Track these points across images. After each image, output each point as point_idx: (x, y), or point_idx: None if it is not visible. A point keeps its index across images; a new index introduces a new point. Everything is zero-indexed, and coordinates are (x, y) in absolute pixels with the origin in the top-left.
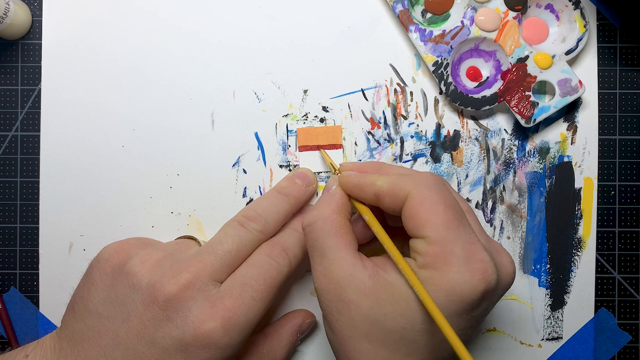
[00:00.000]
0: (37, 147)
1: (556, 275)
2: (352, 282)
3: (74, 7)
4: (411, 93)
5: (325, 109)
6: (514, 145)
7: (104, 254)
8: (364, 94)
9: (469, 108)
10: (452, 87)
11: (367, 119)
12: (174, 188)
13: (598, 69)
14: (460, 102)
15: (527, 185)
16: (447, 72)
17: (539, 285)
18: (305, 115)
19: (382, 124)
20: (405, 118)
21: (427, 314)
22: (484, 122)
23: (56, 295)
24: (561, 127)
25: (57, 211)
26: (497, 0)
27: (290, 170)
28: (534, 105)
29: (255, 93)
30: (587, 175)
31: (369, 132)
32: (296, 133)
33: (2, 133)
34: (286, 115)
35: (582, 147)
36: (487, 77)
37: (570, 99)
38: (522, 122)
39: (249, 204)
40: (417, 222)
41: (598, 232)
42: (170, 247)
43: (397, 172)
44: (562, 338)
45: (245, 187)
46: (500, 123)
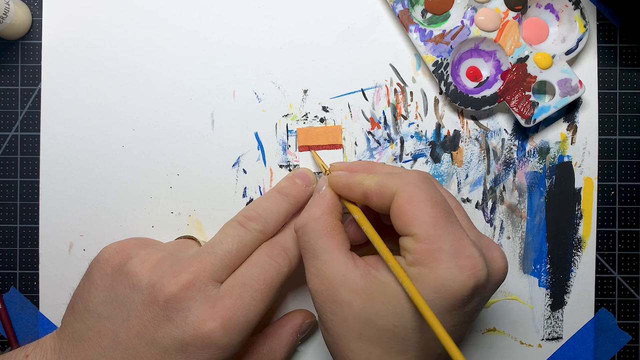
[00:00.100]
0: (37, 147)
1: (556, 275)
2: (345, 282)
3: (74, 7)
4: (411, 93)
5: (325, 109)
6: (514, 145)
7: (104, 254)
8: (364, 94)
9: (469, 108)
10: (452, 87)
11: (367, 119)
12: (174, 188)
13: (598, 69)
14: (460, 102)
15: (527, 185)
16: (447, 72)
17: (539, 285)
18: (305, 115)
19: (382, 124)
20: (405, 118)
21: (417, 312)
22: (484, 122)
23: (56, 295)
24: (561, 127)
25: (57, 211)
26: (497, 0)
27: (290, 170)
28: (534, 105)
29: (255, 93)
30: (587, 175)
31: (369, 132)
32: (296, 133)
33: (2, 133)
34: (286, 115)
35: (582, 147)
36: (487, 77)
37: (570, 99)
38: (522, 122)
39: (249, 204)
40: (405, 220)
41: (598, 232)
42: (170, 247)
43: (386, 171)
44: (562, 338)
45: (245, 187)
46: (500, 123)
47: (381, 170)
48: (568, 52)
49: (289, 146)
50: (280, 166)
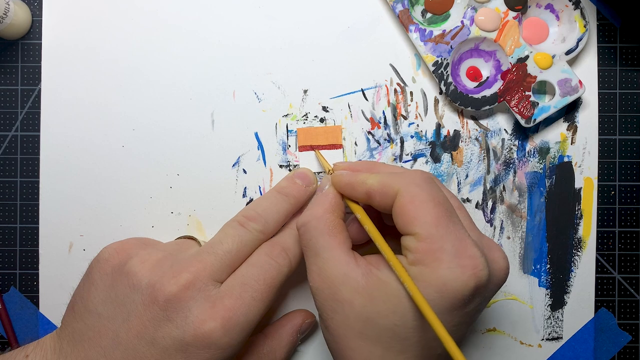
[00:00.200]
0: (37, 147)
1: (556, 275)
2: (346, 281)
3: (74, 7)
4: (411, 93)
5: (325, 109)
6: (514, 145)
7: (104, 254)
8: (364, 94)
9: (469, 108)
10: (452, 87)
11: (367, 119)
12: (174, 188)
13: (598, 69)
14: (460, 102)
15: (527, 185)
16: (447, 72)
17: (539, 285)
18: (305, 115)
19: (382, 124)
20: (405, 118)
21: (418, 311)
22: (484, 122)
23: (56, 295)
24: (561, 127)
25: (57, 211)
26: (497, 0)
27: (290, 170)
28: (534, 105)
29: (255, 93)
30: (587, 175)
31: (369, 132)
32: (296, 133)
33: (2, 133)
34: (286, 115)
35: (582, 147)
36: (487, 77)
37: (570, 99)
38: (522, 122)
39: (249, 204)
40: (407, 220)
41: (598, 232)
42: (170, 247)
43: (389, 170)
44: (562, 338)
45: (245, 187)
46: (500, 123)
47: (384, 170)
48: (568, 52)
49: (289, 146)
50: (280, 166)
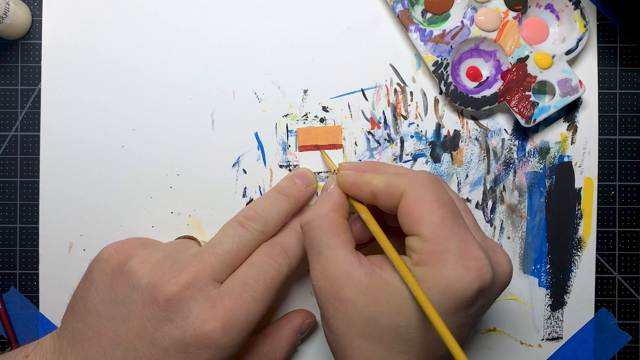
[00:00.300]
0: (37, 147)
1: (556, 275)
2: (349, 280)
3: (74, 7)
4: (411, 93)
5: (325, 109)
6: (514, 145)
7: (104, 254)
8: (364, 94)
9: (469, 108)
10: (452, 87)
11: (367, 119)
12: (174, 188)
13: (598, 69)
14: (460, 102)
15: (527, 185)
16: (447, 72)
17: (539, 285)
18: (305, 115)
19: (382, 124)
20: (405, 118)
21: (422, 312)
22: (484, 122)
23: (56, 295)
24: (561, 127)
25: (57, 211)
26: (497, 0)
27: (290, 170)
28: (534, 105)
29: (255, 93)
30: (587, 175)
31: (369, 132)
32: (296, 133)
33: (2, 133)
34: (286, 115)
35: (582, 147)
36: (487, 77)
37: (570, 99)
38: (522, 122)
39: (249, 204)
40: (412, 220)
41: (598, 232)
42: (170, 247)
43: (394, 171)
44: (562, 338)
45: (245, 187)
46: (500, 123)
47: (389, 171)
48: (568, 52)
49: (289, 146)
50: (280, 166)
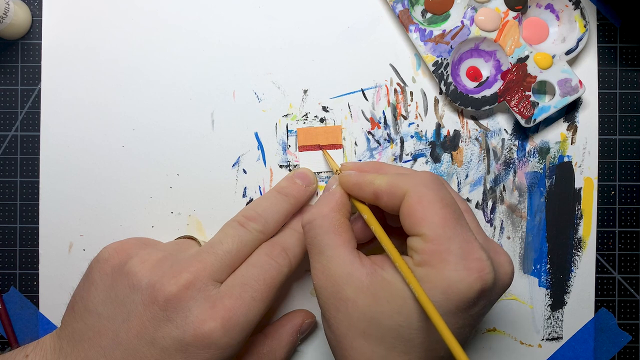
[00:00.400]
0: (37, 147)
1: (556, 275)
2: (350, 280)
3: (74, 7)
4: (411, 93)
5: (325, 109)
6: (514, 145)
7: (104, 254)
8: (364, 94)
9: (469, 108)
10: (452, 87)
11: (367, 119)
12: (174, 188)
13: (598, 69)
14: (460, 102)
15: (527, 185)
16: (447, 72)
17: (539, 285)
18: (305, 115)
19: (382, 124)
20: (405, 118)
21: (423, 312)
22: (484, 122)
23: (56, 295)
24: (561, 127)
25: (57, 211)
26: (497, 0)
27: (290, 170)
28: (534, 105)
29: (255, 93)
30: (587, 175)
31: (369, 132)
32: (296, 133)
33: (2, 133)
34: (286, 115)
35: (582, 147)
36: (487, 77)
37: (570, 99)
38: (522, 122)
39: (249, 204)
40: (414, 220)
41: (598, 232)
42: (170, 247)
43: (396, 171)
44: (562, 338)
45: (245, 187)
46: (500, 123)
47: (391, 171)
48: (568, 52)
49: (289, 146)
50: (280, 166)
